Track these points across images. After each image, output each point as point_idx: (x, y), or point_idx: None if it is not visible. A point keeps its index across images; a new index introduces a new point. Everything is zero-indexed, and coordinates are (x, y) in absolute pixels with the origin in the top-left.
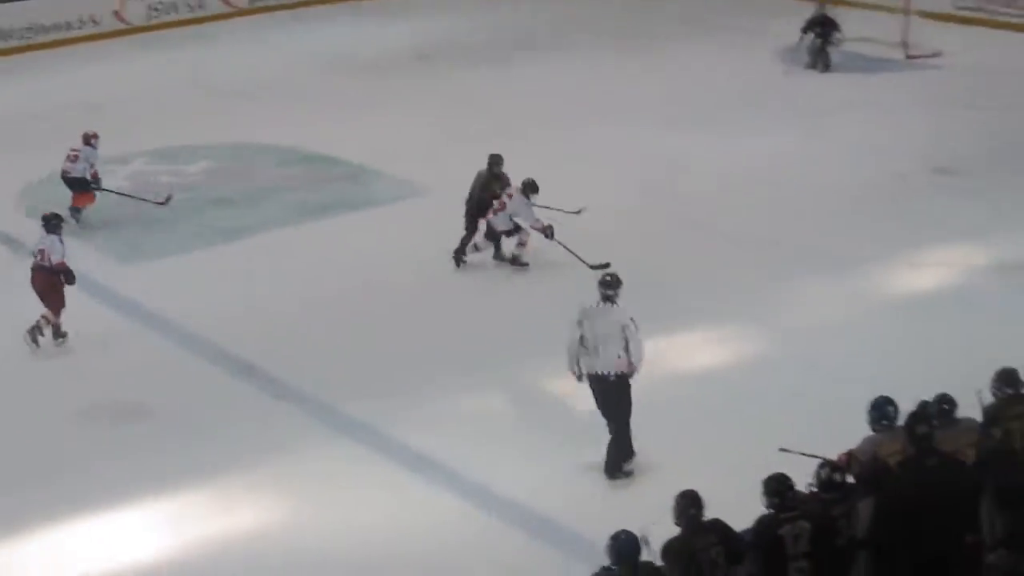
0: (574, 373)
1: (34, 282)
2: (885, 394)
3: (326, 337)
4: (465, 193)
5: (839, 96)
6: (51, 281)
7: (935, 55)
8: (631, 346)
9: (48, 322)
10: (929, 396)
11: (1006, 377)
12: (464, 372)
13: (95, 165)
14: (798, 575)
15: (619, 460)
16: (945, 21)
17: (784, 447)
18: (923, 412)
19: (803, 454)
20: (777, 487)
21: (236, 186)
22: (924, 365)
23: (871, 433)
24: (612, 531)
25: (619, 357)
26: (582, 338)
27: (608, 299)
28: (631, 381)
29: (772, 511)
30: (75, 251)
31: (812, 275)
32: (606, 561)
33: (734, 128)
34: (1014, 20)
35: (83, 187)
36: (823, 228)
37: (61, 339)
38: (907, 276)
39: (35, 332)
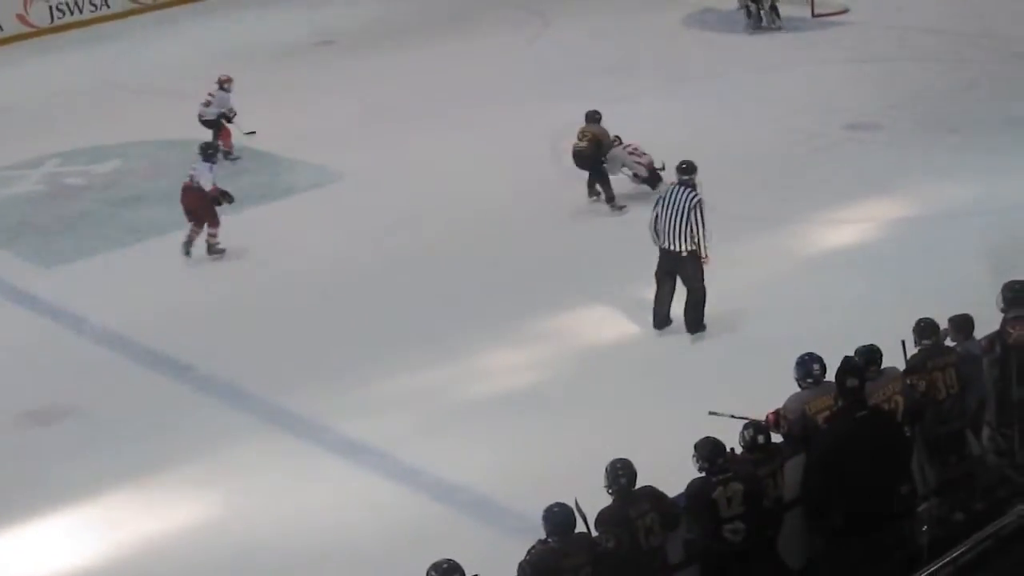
0: (655, 243)
1: (184, 200)
2: (810, 351)
3: (252, 329)
4: (379, 176)
5: (748, 57)
6: (200, 200)
7: (842, 12)
8: (698, 226)
9: (193, 237)
10: (853, 350)
11: (926, 328)
12: (397, 356)
13: (230, 107)
14: (733, 536)
15: (700, 317)
16: None
17: (713, 410)
18: (852, 365)
19: (732, 416)
20: (709, 451)
21: (151, 184)
22: (848, 319)
23: (799, 391)
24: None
25: (689, 235)
26: (657, 217)
27: (683, 184)
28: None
29: (704, 475)
30: None
31: (732, 236)
32: (542, 534)
33: (649, 93)
34: None
35: (217, 126)
36: (741, 189)
37: (217, 255)
38: (827, 232)
39: (188, 245)
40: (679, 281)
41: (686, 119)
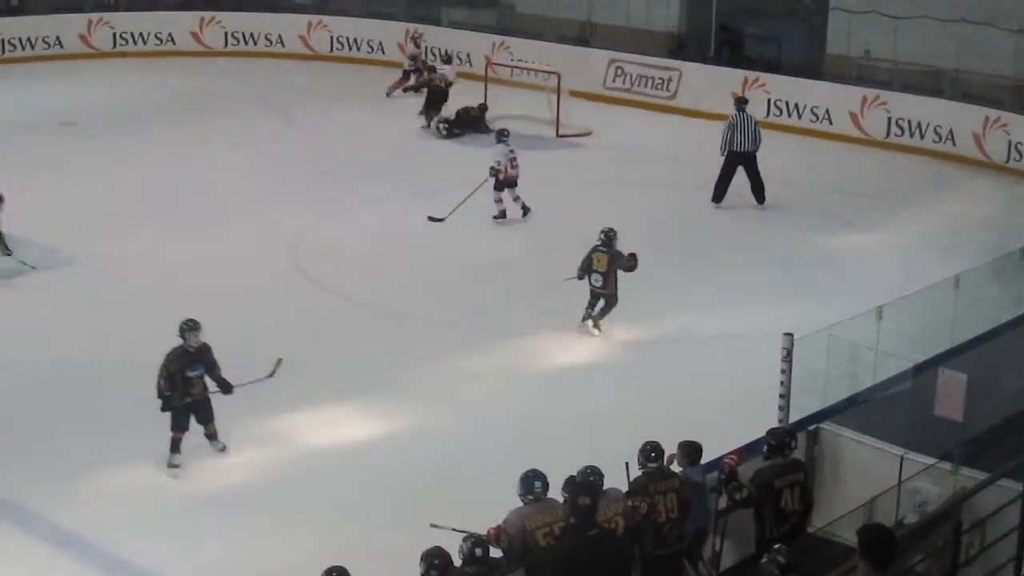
0: (723, 149)
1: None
2: (535, 467)
3: None
4: (111, 263)
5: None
6: None
7: (585, 134)
8: (759, 134)
9: None
10: (577, 468)
11: (651, 451)
12: (112, 447)
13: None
14: None
15: (764, 194)
16: (596, 101)
17: (435, 523)
18: (587, 484)
19: (453, 529)
20: (427, 561)
21: None
22: (574, 436)
23: (520, 506)
24: None
25: (755, 140)
26: (732, 130)
27: (742, 110)
28: None
29: None
30: None
31: (459, 348)
32: None
33: (391, 200)
34: (660, 102)
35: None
36: (480, 301)
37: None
38: (560, 348)
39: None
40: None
41: (425, 229)
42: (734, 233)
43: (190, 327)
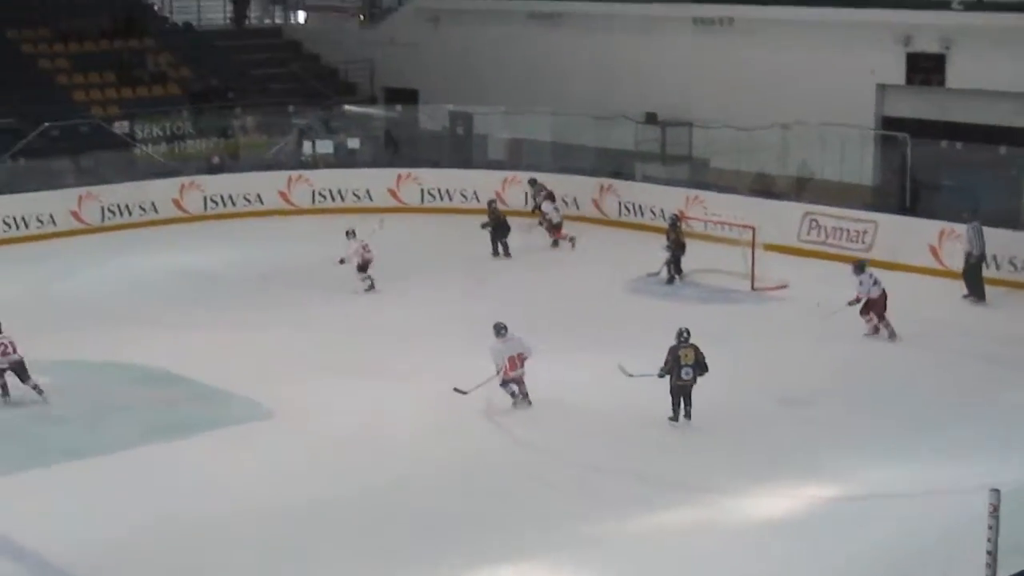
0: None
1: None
2: None
3: (165, 563)
4: (310, 419)
5: (687, 325)
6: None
7: (781, 287)
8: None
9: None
10: None
11: None
12: None
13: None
14: None
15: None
16: (791, 254)
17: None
18: None
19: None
20: None
21: (76, 405)
22: None
23: None
24: None
25: None
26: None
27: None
28: None
29: None
30: None
31: (655, 504)
32: None
33: (584, 351)
34: (856, 254)
35: None
36: (674, 457)
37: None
38: (755, 504)
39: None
40: None
41: (618, 382)
42: (932, 386)
43: None
